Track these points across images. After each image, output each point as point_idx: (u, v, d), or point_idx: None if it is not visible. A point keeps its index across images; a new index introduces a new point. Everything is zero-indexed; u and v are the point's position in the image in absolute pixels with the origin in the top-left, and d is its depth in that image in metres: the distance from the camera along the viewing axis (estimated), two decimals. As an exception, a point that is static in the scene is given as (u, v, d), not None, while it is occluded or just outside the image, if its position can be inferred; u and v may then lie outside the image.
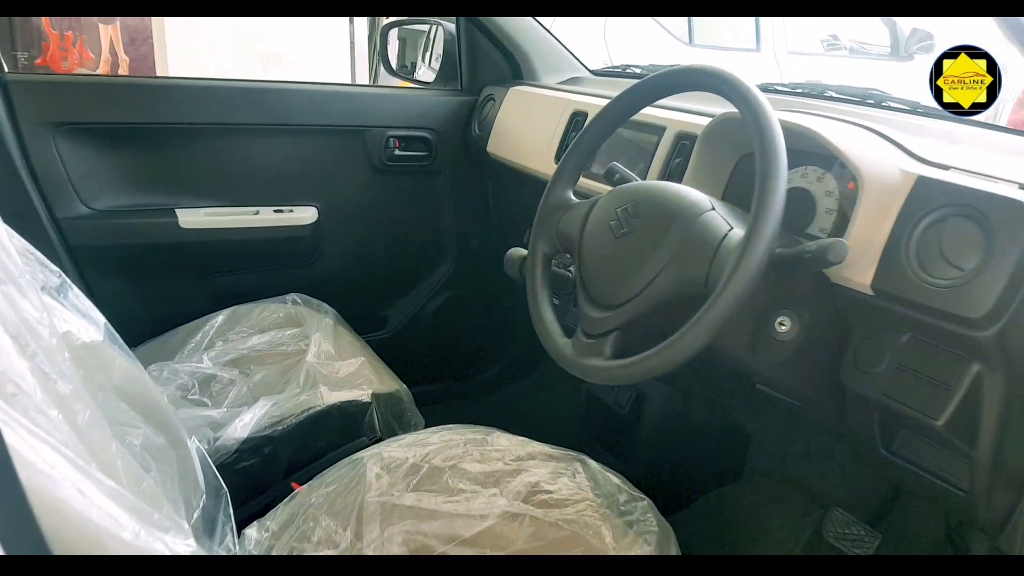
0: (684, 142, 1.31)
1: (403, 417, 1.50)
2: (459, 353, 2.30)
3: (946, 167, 0.98)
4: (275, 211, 1.86)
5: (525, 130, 1.76)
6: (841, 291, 1.03)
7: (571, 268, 1.39)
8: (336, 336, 1.64)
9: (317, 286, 1.93)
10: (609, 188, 1.21)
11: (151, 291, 1.85)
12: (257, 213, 1.84)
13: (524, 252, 1.25)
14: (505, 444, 1.17)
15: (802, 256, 0.90)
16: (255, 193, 1.85)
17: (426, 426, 1.37)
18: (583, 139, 1.15)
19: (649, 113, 1.43)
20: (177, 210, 1.78)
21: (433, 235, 2.13)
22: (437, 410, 2.27)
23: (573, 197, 1.16)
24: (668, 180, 1.31)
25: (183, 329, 1.65)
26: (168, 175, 1.81)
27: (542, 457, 1.12)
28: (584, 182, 1.50)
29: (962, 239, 0.90)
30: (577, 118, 1.59)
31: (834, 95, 1.46)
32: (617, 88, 1.24)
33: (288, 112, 1.84)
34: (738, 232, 0.91)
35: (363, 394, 1.43)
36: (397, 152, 1.97)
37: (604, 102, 1.49)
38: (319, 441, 1.36)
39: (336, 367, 1.50)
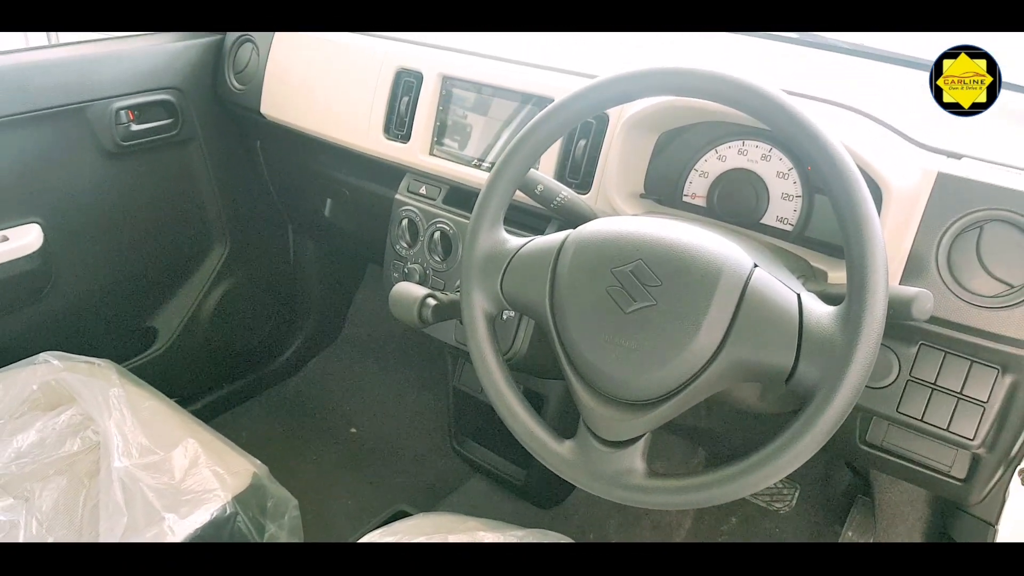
0: (586, 118, 1.06)
1: (267, 508, 1.16)
2: (249, 346, 1.92)
3: (958, 156, 0.85)
4: (-21, 244, 1.30)
5: (321, 89, 1.36)
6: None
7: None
8: (134, 407, 1.22)
9: (58, 324, 1.48)
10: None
11: None
12: (-47, 255, 1.27)
13: (422, 292, 0.95)
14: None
15: None
16: None
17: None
18: (521, 146, 0.82)
19: (500, 77, 1.15)
20: None
21: (196, 217, 1.67)
22: (242, 412, 1.93)
23: (508, 237, 0.87)
24: (576, 169, 1.07)
25: None
26: None
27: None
28: (453, 170, 1.20)
29: (1006, 248, 0.80)
30: (406, 79, 1.24)
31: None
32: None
33: None
34: (813, 302, 0.70)
35: (221, 501, 1.07)
36: (134, 127, 1.46)
37: (463, 57, 1.18)
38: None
39: (164, 466, 1.11)
